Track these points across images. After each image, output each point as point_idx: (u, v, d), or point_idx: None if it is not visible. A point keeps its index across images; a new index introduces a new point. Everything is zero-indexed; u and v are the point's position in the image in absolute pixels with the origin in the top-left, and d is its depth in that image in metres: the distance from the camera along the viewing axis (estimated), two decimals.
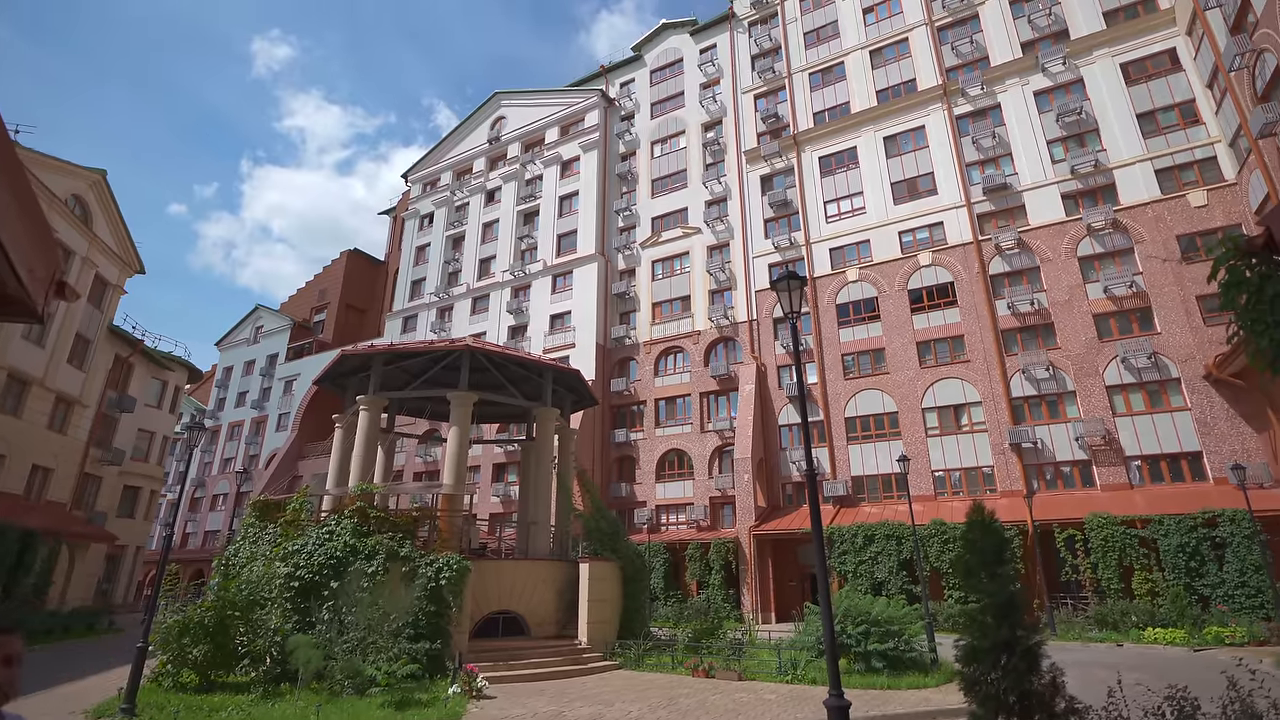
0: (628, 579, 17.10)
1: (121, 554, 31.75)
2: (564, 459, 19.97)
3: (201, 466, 48.81)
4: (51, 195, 24.83)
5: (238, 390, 50.91)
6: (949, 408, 27.87)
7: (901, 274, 30.43)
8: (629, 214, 39.62)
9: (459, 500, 16.45)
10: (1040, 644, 8.55)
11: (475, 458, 36.44)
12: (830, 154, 34.29)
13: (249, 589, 12.69)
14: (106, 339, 29.09)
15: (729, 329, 34.17)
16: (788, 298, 7.68)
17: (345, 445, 18.24)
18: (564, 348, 36.93)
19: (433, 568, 13.31)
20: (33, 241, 2.31)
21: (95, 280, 28.03)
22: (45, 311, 2.59)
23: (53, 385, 25.73)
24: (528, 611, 15.63)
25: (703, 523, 30.94)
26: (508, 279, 41.46)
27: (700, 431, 33.15)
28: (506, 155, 45.92)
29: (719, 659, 14.07)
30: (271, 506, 15.73)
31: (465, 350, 17.34)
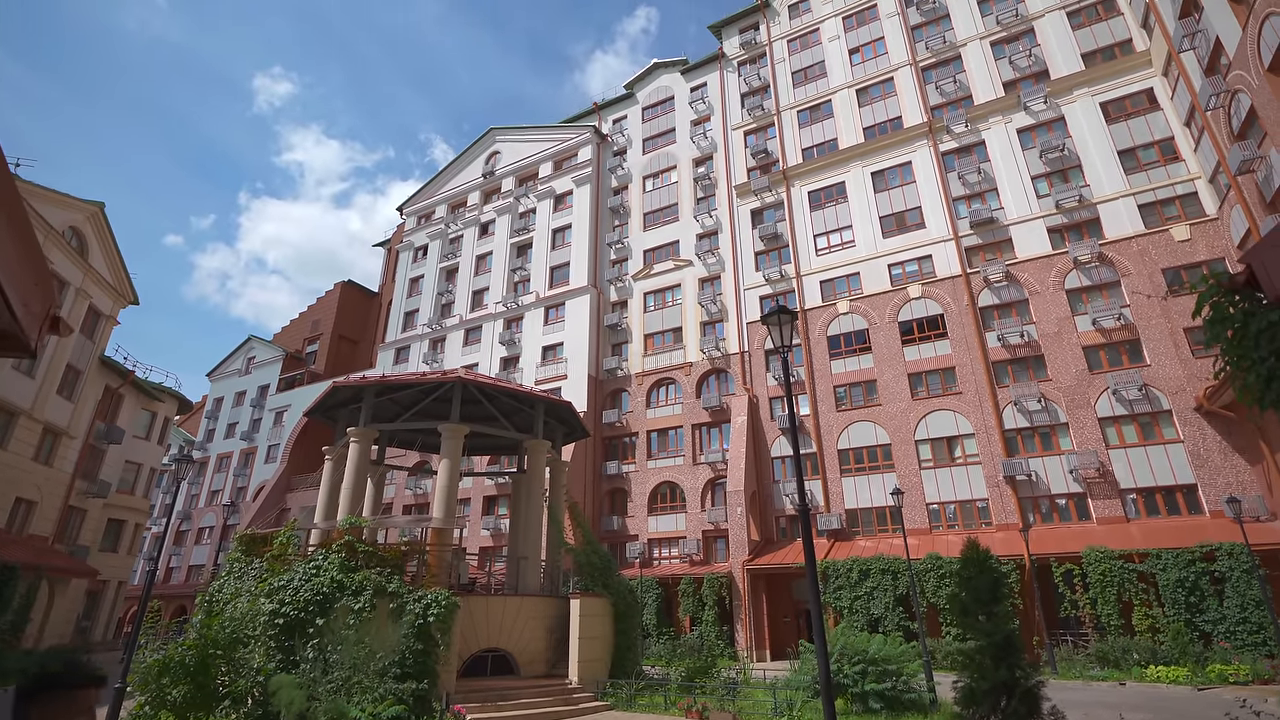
0: (619, 615, 16.79)
1: (103, 589, 30.96)
2: (555, 491, 19.77)
3: (188, 499, 48.00)
4: (49, 227, 24.90)
5: (227, 421, 50.40)
6: (942, 439, 27.88)
7: (892, 306, 30.74)
8: (621, 246, 40.04)
9: (449, 534, 16.21)
10: (1040, 685, 8.35)
11: (465, 490, 36.02)
12: (819, 188, 34.93)
13: (232, 626, 12.35)
14: (97, 370, 28.86)
15: (721, 360, 34.27)
16: (778, 331, 7.74)
17: (334, 478, 18.03)
18: (556, 379, 36.89)
19: (421, 604, 13.02)
20: (29, 278, 2.32)
21: (88, 311, 27.93)
22: (39, 346, 2.58)
23: (41, 416, 25.41)
24: (517, 649, 15.27)
25: (695, 557, 30.54)
26: (500, 310, 41.61)
27: (692, 464, 32.96)
28: (501, 189, 46.54)
29: (713, 699, 13.75)
30: (258, 540, 15.44)
31: (457, 382, 17.29)
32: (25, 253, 2.21)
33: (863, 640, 13.72)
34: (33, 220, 24.10)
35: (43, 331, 2.58)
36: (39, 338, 2.49)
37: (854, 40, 36.97)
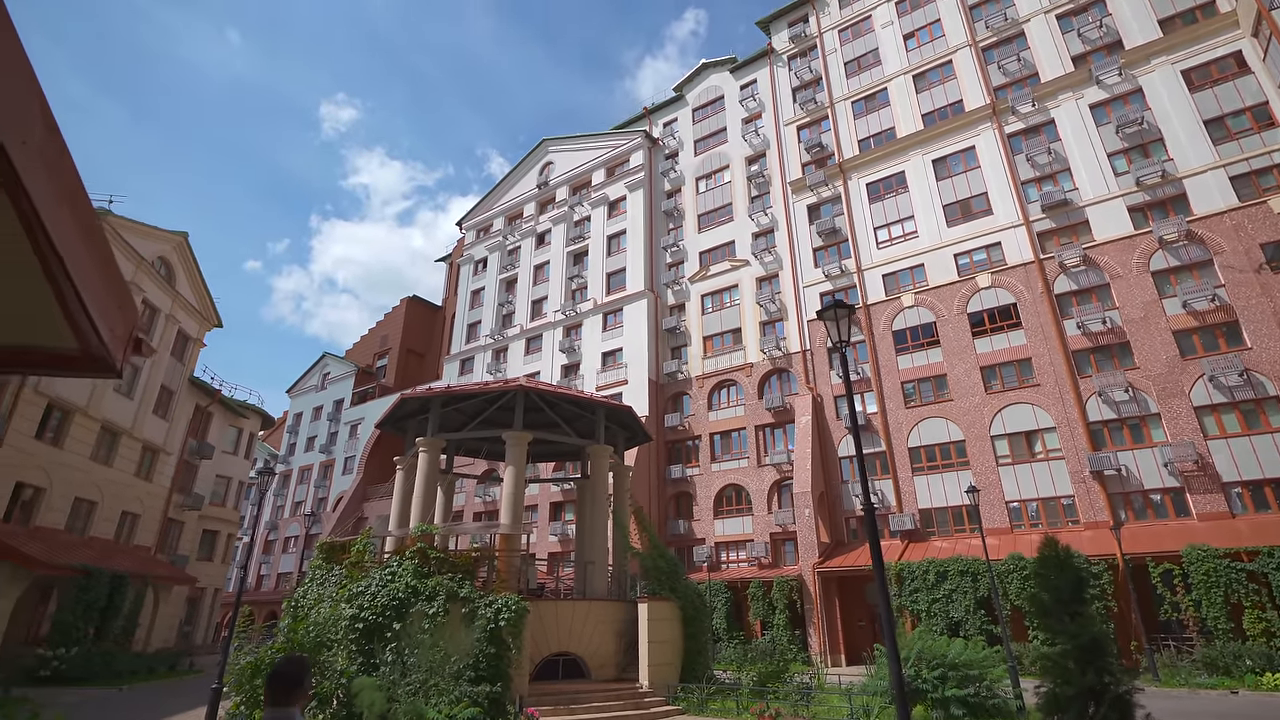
0: (688, 619, 16.67)
1: (201, 596, 33.14)
2: (619, 496, 19.84)
3: (274, 510, 50.89)
4: (140, 258, 26.97)
5: (307, 435, 53.16)
6: (1020, 434, 26.45)
7: (960, 297, 29.45)
8: (677, 250, 40.00)
9: (516, 540, 16.50)
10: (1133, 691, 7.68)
11: (532, 497, 36.68)
12: (878, 179, 33.90)
13: (316, 630, 12.94)
14: (188, 390, 31.00)
15: (782, 360, 33.67)
16: (835, 327, 7.49)
17: (406, 486, 18.67)
18: (617, 384, 37.12)
19: (492, 609, 13.30)
20: (113, 302, 2.50)
21: (177, 335, 30.06)
22: (123, 366, 2.80)
23: (140, 435, 27.48)
24: (587, 653, 15.38)
25: (764, 560, 30.03)
26: (559, 319, 42.26)
27: (757, 465, 32.48)
28: (555, 198, 47.35)
29: (786, 704, 13.43)
30: (337, 548, 16.15)
31: (519, 390, 17.63)
32: (108, 280, 2.38)
33: (941, 644, 13.11)
34: (125, 251, 26.19)
35: (127, 352, 2.78)
36: (124, 358, 2.70)
37: (908, 25, 35.75)
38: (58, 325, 2.36)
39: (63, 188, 1.93)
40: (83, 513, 24.85)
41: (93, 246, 2.24)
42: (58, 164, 1.84)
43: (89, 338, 2.35)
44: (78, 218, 2.16)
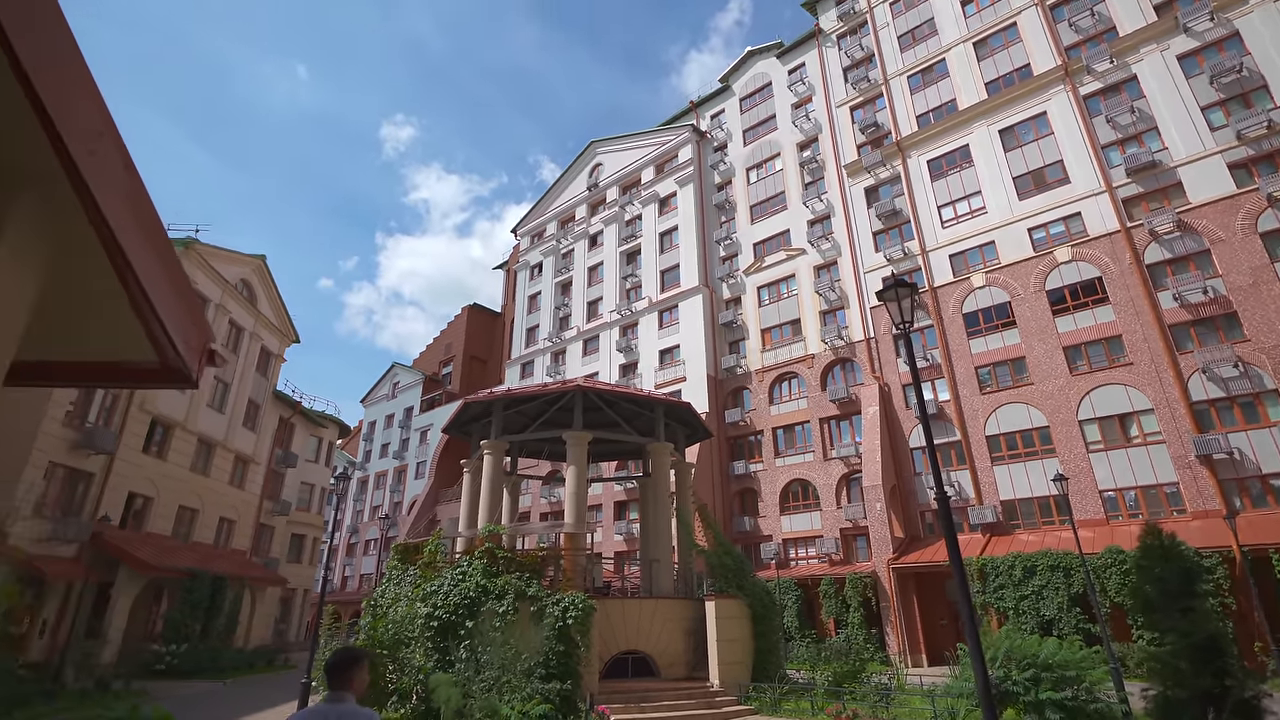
0: (757, 617, 16.32)
1: (292, 596, 35.13)
2: (682, 493, 19.69)
3: (355, 514, 53.44)
4: (225, 282, 28.78)
5: (381, 442, 55.54)
6: (1112, 418, 24.61)
7: (1036, 274, 27.69)
8: (730, 242, 39.42)
9: (581, 539, 16.59)
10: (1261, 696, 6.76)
11: (596, 496, 36.97)
12: (940, 155, 32.32)
13: (394, 629, 13.41)
14: (271, 403, 32.90)
15: (845, 350, 32.62)
16: (897, 307, 7.04)
17: (473, 488, 19.10)
18: (675, 382, 36.94)
19: (559, 607, 13.40)
20: (187, 317, 2.68)
21: (260, 352, 31.93)
22: (199, 377, 3.01)
23: (232, 446, 29.36)
24: (656, 651, 15.29)
25: (835, 556, 29.17)
26: (615, 318, 42.43)
27: (823, 459, 31.58)
28: (606, 199, 47.59)
29: (864, 705, 12.92)
30: (411, 550, 16.69)
31: (577, 390, 17.74)
32: (181, 296, 2.56)
33: (1032, 644, 12.26)
34: (211, 276, 27.99)
35: (201, 364, 2.97)
36: (199, 369, 2.88)
37: None
38: (140, 341, 2.63)
39: (132, 205, 2.11)
40: (186, 519, 26.76)
41: (166, 267, 2.45)
42: (127, 182, 2.02)
43: (167, 352, 2.55)
44: (149, 239, 2.35)
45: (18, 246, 2.19)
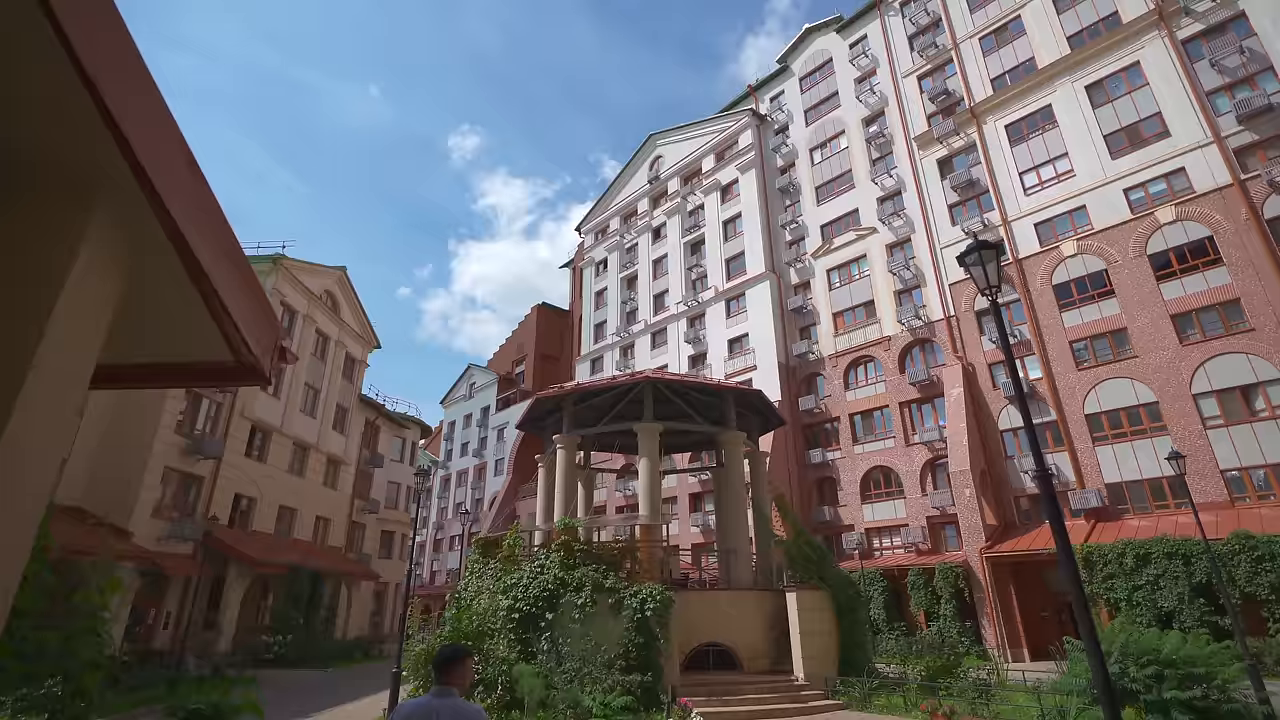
0: (841, 609, 15.75)
1: (385, 590, 36.96)
2: (757, 483, 19.30)
3: (440, 511, 55.70)
4: (311, 293, 30.47)
5: (461, 441, 57.57)
6: (1233, 390, 22.29)
7: (1136, 237, 25.42)
8: (796, 226, 38.34)
9: (656, 530, 16.52)
10: None
11: (671, 489, 36.89)
12: (1019, 119, 30.19)
13: (478, 620, 13.77)
14: (358, 406, 34.64)
15: (923, 330, 31.08)
16: (982, 271, 6.44)
17: (548, 483, 19.41)
18: (745, 371, 36.33)
19: (637, 599, 13.36)
20: (258, 317, 2.81)
21: (345, 358, 33.65)
22: (271, 374, 3.18)
23: (324, 449, 31.12)
24: (737, 644, 15.03)
25: (922, 546, 27.90)
26: (682, 310, 42.15)
27: (905, 445, 30.24)
28: (667, 191, 47.31)
29: (961, 702, 12.20)
30: (490, 544, 17.11)
31: (645, 382, 17.67)
32: (251, 294, 2.70)
33: (1151, 638, 11.21)
34: (299, 288, 29.68)
35: (273, 361, 3.12)
36: (271, 367, 3.02)
37: None
38: (215, 341, 2.78)
39: (198, 204, 2.18)
40: (286, 518, 28.59)
41: (235, 266, 2.57)
42: (191, 182, 2.09)
43: (240, 350, 2.80)
44: (217, 238, 2.44)
45: (99, 251, 2.29)
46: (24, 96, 1.63)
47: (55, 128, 1.70)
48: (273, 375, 3.19)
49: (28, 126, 1.76)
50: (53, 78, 1.40)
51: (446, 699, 2.98)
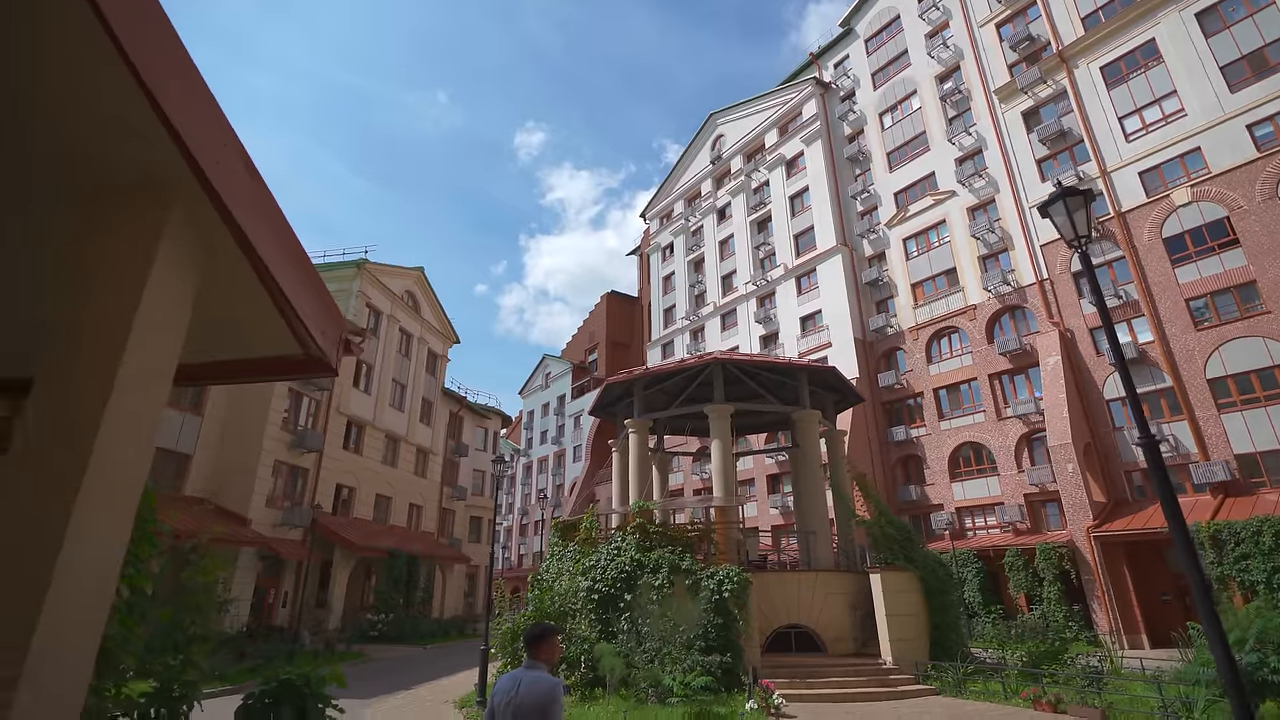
0: (931, 591, 15.09)
1: (477, 572, 38.69)
2: (835, 462, 18.75)
3: (523, 497, 57.66)
4: (393, 294, 32.00)
5: (540, 430, 59.21)
6: None
7: (1264, 179, 22.62)
8: (867, 195, 36.66)
9: (731, 512, 16.37)
10: None
11: (748, 471, 36.50)
12: (1116, 58, 27.42)
13: (559, 601, 14.14)
14: (441, 399, 36.21)
15: (1013, 296, 29.05)
16: (1068, 220, 5.78)
17: (622, 467, 19.60)
18: (820, 348, 35.26)
19: (714, 580, 13.30)
20: (323, 314, 2.93)
21: (428, 354, 35.18)
22: (338, 365, 3.32)
23: (413, 440, 32.76)
24: (820, 626, 14.70)
25: (1020, 525, 26.29)
26: (751, 289, 41.34)
27: (997, 419, 28.48)
28: (730, 170, 46.35)
29: (1069, 690, 11.40)
30: (568, 527, 17.49)
31: (715, 363, 17.47)
32: (317, 295, 2.86)
33: None
34: (381, 290, 31.19)
35: (339, 353, 3.29)
36: (337, 358, 3.20)
37: None
38: (284, 336, 2.89)
39: (260, 209, 2.32)
40: (382, 506, 30.37)
41: (298, 265, 2.66)
42: (252, 187, 2.27)
43: (309, 343, 2.92)
44: (279, 240, 2.51)
45: (175, 252, 2.44)
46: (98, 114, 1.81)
47: (128, 141, 1.92)
48: (339, 366, 3.33)
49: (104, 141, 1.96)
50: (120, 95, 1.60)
51: (532, 672, 3.23)
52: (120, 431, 2.06)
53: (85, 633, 1.97)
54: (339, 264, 30.02)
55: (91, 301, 2.15)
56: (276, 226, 2.53)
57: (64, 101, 1.86)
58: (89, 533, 1.91)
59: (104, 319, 2.11)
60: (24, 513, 1.87)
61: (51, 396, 2.04)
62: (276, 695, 3.19)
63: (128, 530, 2.26)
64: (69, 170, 2.15)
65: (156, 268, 2.24)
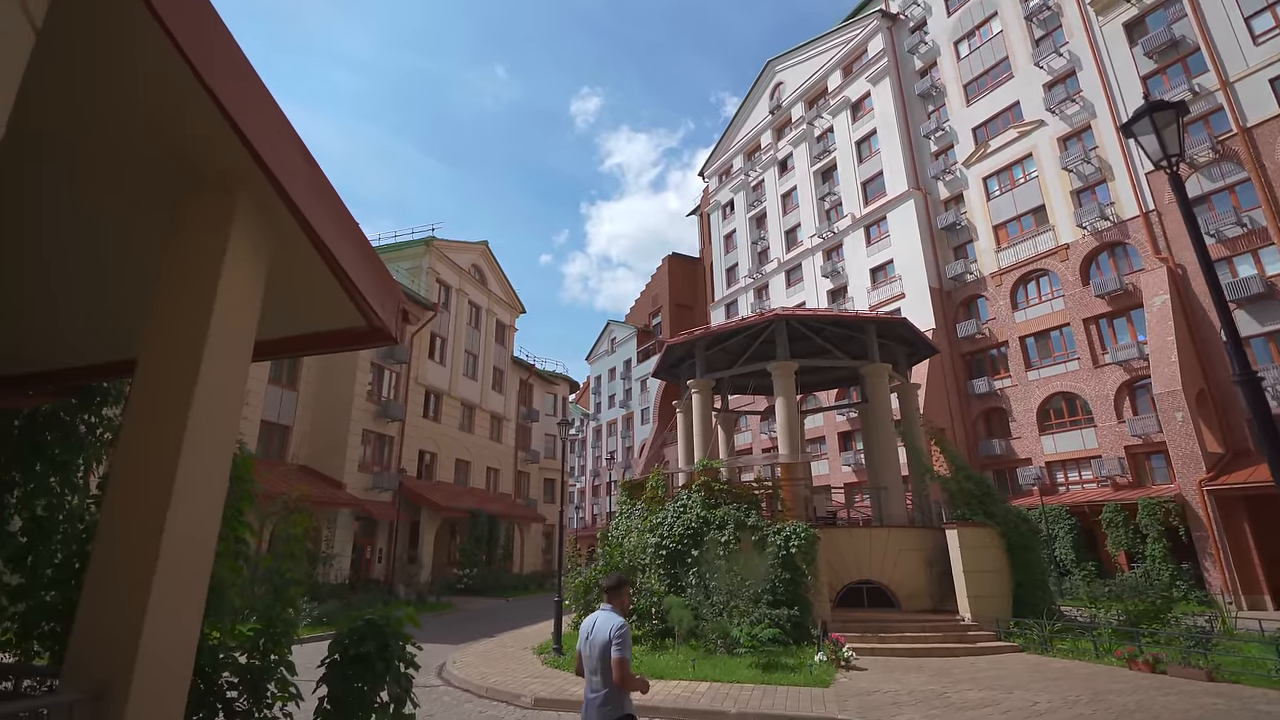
0: (1014, 547, 14.42)
1: (553, 531, 40.23)
2: (908, 416, 18.07)
3: (595, 459, 59.06)
4: (460, 269, 32.91)
5: (608, 394, 60.14)
6: None
7: None
8: (942, 134, 34.23)
9: (798, 469, 16.14)
10: None
11: (818, 428, 35.81)
12: None
13: (629, 556, 14.47)
14: (511, 367, 37.29)
15: (1112, 232, 26.61)
16: (1155, 138, 5.09)
17: (686, 427, 19.63)
18: (892, 300, 33.72)
19: (780, 536, 13.21)
20: (381, 287, 3.16)
21: (496, 325, 36.17)
22: (399, 335, 3.52)
23: (487, 407, 34.03)
24: (893, 582, 14.38)
25: (1120, 479, 24.60)
26: (816, 243, 39.83)
27: (1093, 367, 26.50)
28: (791, 119, 44.32)
29: (1171, 650, 10.68)
30: (635, 486, 17.78)
31: (777, 320, 17.04)
32: (374, 269, 3.09)
33: None
34: (449, 265, 32.11)
35: (399, 323, 3.50)
36: (397, 328, 3.46)
37: None
38: (347, 310, 3.16)
39: (316, 191, 2.56)
40: (462, 470, 31.89)
41: (355, 244, 2.88)
42: (307, 171, 2.49)
43: (370, 316, 3.18)
44: (335, 219, 2.74)
45: (245, 235, 2.69)
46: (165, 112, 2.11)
47: (194, 135, 2.22)
48: (399, 336, 3.56)
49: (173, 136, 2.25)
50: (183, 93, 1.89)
51: (606, 613, 3.95)
52: (210, 401, 2.37)
53: (196, 566, 2.34)
54: (409, 243, 31.09)
55: (178, 287, 2.48)
56: (333, 207, 2.79)
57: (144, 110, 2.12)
58: (192, 485, 2.26)
59: (189, 302, 2.43)
60: (139, 471, 2.28)
61: (152, 373, 2.39)
62: (363, 631, 3.57)
63: (224, 484, 2.56)
64: (153, 172, 2.43)
65: (230, 253, 2.51)
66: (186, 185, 2.55)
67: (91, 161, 2.41)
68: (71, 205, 2.68)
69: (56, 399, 4.13)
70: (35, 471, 3.98)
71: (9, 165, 1.65)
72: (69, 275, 3.14)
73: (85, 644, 2.13)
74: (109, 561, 2.20)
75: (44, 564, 3.72)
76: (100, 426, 4.26)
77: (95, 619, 2.14)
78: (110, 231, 2.86)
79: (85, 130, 2.23)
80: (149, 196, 2.59)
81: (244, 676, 3.44)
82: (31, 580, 3.61)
